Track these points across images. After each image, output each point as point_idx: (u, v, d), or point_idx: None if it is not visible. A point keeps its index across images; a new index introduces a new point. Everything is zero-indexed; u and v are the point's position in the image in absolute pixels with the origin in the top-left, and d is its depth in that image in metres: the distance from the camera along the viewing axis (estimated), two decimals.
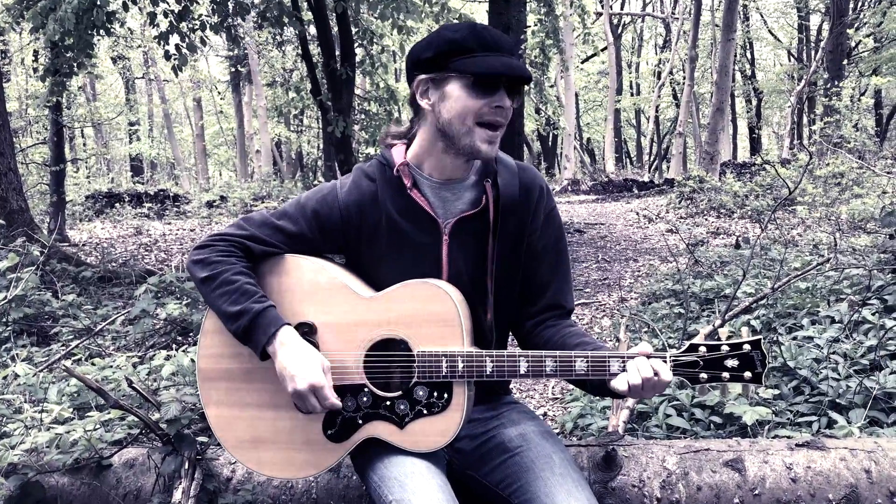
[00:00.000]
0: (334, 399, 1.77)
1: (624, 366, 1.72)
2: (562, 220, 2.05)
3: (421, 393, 1.80)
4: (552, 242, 1.99)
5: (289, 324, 1.81)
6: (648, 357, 1.71)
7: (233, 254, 1.88)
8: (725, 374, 1.71)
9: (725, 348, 1.72)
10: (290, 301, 1.87)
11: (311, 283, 1.88)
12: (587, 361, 1.74)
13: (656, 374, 1.68)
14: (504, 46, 1.77)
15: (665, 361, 1.72)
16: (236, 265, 1.85)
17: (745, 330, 1.75)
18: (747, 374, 1.71)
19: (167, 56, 8.29)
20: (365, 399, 1.83)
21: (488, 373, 1.77)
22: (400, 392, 1.81)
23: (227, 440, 1.92)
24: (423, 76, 1.82)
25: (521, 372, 1.76)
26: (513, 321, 2.04)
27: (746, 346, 1.71)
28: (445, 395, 1.79)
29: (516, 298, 1.99)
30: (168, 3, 8.11)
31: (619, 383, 1.70)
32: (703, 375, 1.72)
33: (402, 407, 1.81)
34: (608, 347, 1.82)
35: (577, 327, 1.97)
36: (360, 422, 1.84)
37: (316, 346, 1.84)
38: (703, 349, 1.73)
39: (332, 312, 1.85)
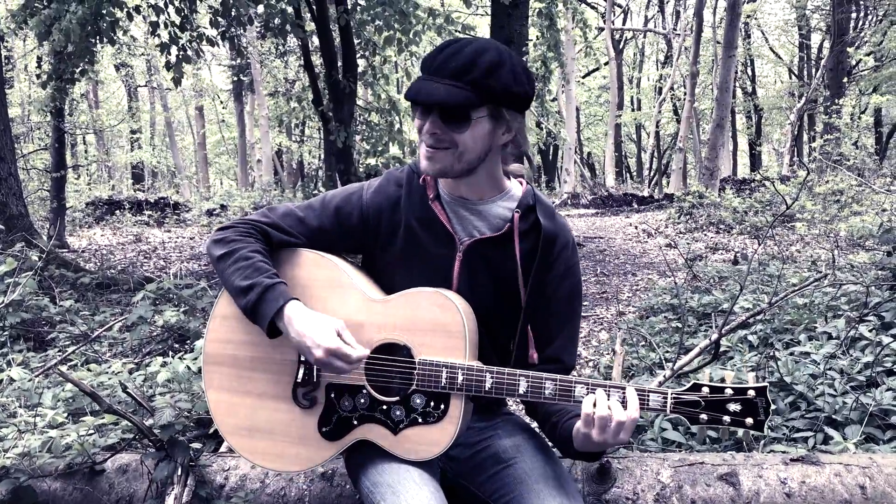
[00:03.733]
0: (358, 352, 1.74)
1: (622, 400, 1.68)
2: (580, 277, 2.01)
3: (418, 401, 1.80)
4: (566, 297, 1.95)
5: (297, 298, 1.80)
6: (648, 392, 1.70)
7: (251, 235, 1.89)
8: (726, 418, 1.68)
9: (729, 391, 1.68)
10: (301, 294, 1.88)
11: (323, 280, 1.90)
12: (587, 388, 1.73)
13: (609, 411, 1.64)
14: (445, 69, 1.72)
15: (665, 398, 1.69)
16: (253, 244, 1.87)
17: (752, 375, 1.72)
18: (749, 421, 1.67)
19: (168, 66, 8.32)
20: (362, 400, 1.83)
21: (487, 388, 1.76)
22: (397, 397, 1.81)
23: (224, 425, 1.93)
24: None
25: (520, 391, 1.76)
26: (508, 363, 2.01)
27: (751, 392, 1.67)
28: (442, 406, 1.79)
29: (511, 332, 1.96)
30: (169, 15, 8.14)
31: (585, 404, 1.67)
32: (704, 416, 1.69)
33: (397, 413, 1.81)
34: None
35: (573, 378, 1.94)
36: (355, 423, 1.84)
37: None
38: (705, 389, 1.70)
39: (340, 310, 1.85)
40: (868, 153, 17.50)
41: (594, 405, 1.66)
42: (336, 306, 1.86)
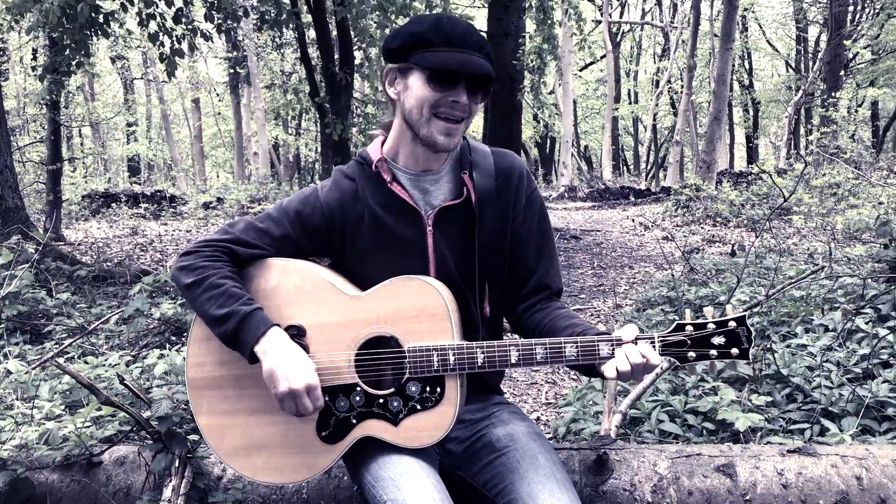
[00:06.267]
0: (319, 404, 1.77)
1: (613, 350, 1.72)
2: (544, 201, 2.07)
3: (413, 389, 1.79)
4: (535, 225, 2.00)
5: (277, 325, 1.80)
6: (636, 341, 1.72)
7: (218, 258, 1.87)
8: (713, 352, 1.73)
9: (711, 326, 1.73)
10: (278, 304, 1.86)
11: (297, 286, 1.87)
12: (577, 347, 1.74)
13: (644, 358, 1.69)
14: (468, 42, 1.78)
15: (653, 344, 1.73)
16: (222, 269, 1.85)
17: (730, 307, 1.75)
18: (734, 351, 1.72)
19: (161, 58, 8.28)
20: (358, 398, 1.82)
21: (479, 364, 1.77)
22: (392, 389, 1.81)
23: (221, 449, 1.90)
24: (390, 65, 1.88)
25: (513, 361, 1.76)
26: (504, 306, 2.05)
27: (732, 323, 1.72)
28: (438, 390, 1.79)
29: (506, 289, 2.01)
30: (158, 6, 8.09)
31: (608, 370, 1.71)
32: (691, 354, 1.74)
33: (395, 404, 1.80)
34: (598, 329, 1.82)
35: (567, 309, 1.98)
36: (354, 421, 1.83)
37: (306, 348, 1.84)
38: (689, 328, 1.74)
39: (320, 314, 1.84)
40: (865, 146, 17.54)
41: (617, 370, 1.70)
42: (316, 309, 1.85)
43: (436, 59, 1.77)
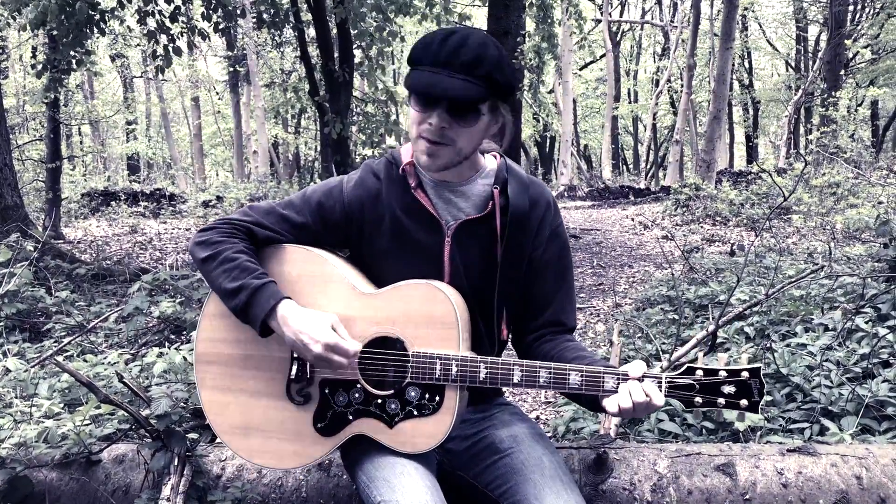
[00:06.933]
0: (354, 346, 1.76)
1: (618, 385, 1.70)
2: (567, 237, 2.05)
3: (413, 394, 1.79)
4: (556, 259, 1.97)
5: (288, 297, 1.80)
6: (642, 378, 1.70)
7: (235, 235, 1.88)
8: (721, 400, 1.69)
9: (723, 374, 1.69)
10: (290, 291, 1.87)
11: (311, 274, 1.88)
12: (582, 375, 1.72)
13: (648, 397, 1.67)
14: (454, 63, 1.69)
15: (659, 384, 1.70)
16: (237, 244, 1.86)
17: (745, 357, 1.72)
18: (743, 402, 1.67)
19: (154, 55, 8.27)
20: (357, 395, 1.82)
21: (481, 379, 1.76)
22: (392, 391, 1.80)
23: (219, 425, 1.92)
24: None
25: (515, 381, 1.75)
26: (513, 333, 2.04)
27: (745, 374, 1.68)
28: (437, 398, 1.78)
29: (515, 310, 1.99)
30: (157, 3, 8.08)
31: (609, 405, 1.69)
32: (699, 399, 1.70)
33: (392, 406, 1.80)
34: (605, 363, 1.81)
35: (576, 342, 1.96)
36: (350, 418, 1.83)
37: None
38: (699, 373, 1.70)
39: (330, 305, 1.84)
40: (864, 146, 17.52)
41: (619, 406, 1.68)
42: (326, 301, 1.85)
43: (412, 78, 1.73)
